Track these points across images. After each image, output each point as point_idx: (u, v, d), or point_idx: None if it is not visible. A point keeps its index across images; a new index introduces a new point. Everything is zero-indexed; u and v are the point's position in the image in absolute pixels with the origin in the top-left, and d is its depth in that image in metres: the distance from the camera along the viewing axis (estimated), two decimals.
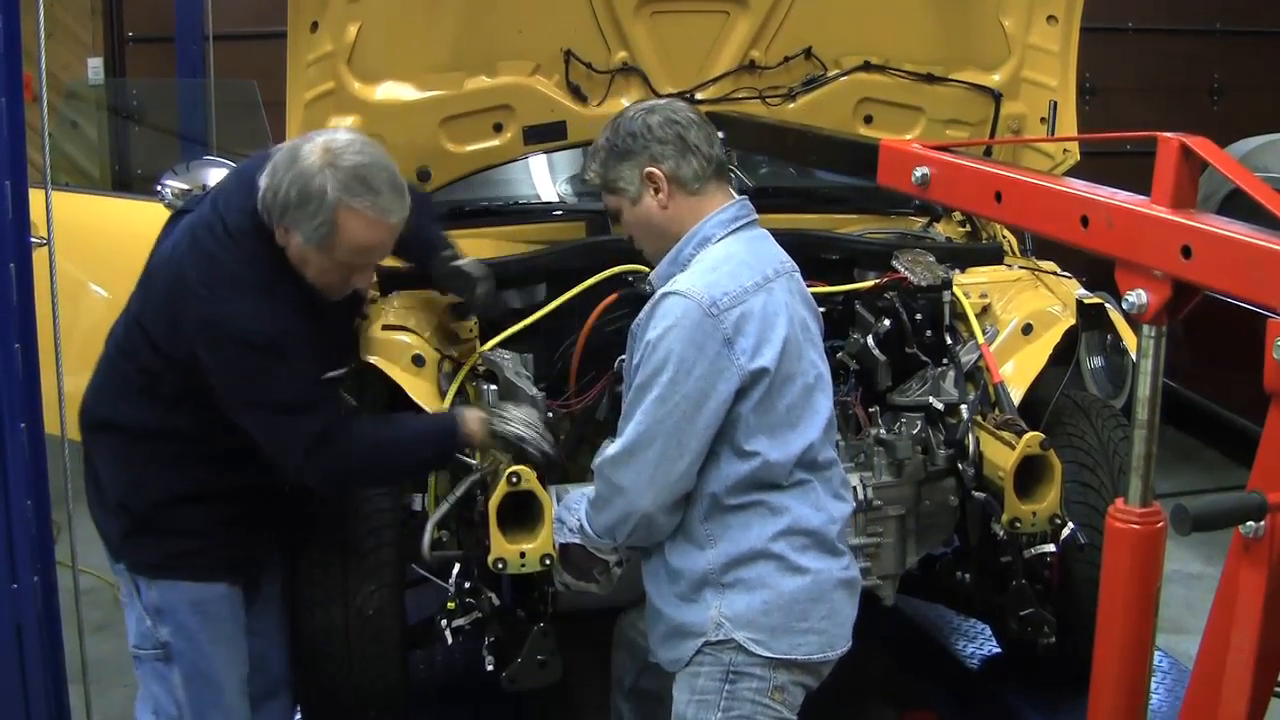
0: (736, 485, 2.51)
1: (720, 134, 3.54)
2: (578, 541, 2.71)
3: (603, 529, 2.61)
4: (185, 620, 2.83)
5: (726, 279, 2.49)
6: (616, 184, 2.61)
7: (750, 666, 2.51)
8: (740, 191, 2.71)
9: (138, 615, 2.83)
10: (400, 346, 3.30)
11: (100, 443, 2.82)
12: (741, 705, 2.52)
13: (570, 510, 2.76)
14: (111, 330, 2.83)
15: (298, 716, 3.43)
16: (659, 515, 2.52)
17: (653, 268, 2.71)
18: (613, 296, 3.28)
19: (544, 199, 4.41)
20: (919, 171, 2.66)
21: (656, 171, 2.57)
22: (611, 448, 2.54)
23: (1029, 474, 3.18)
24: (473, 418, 2.92)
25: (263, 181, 2.62)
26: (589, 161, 2.67)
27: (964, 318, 3.52)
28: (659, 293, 2.53)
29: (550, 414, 3.16)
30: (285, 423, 2.69)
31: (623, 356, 2.70)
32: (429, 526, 3.07)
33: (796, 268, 2.68)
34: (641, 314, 2.57)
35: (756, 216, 2.66)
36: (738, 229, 2.60)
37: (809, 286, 2.76)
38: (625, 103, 3.98)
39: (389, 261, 3.10)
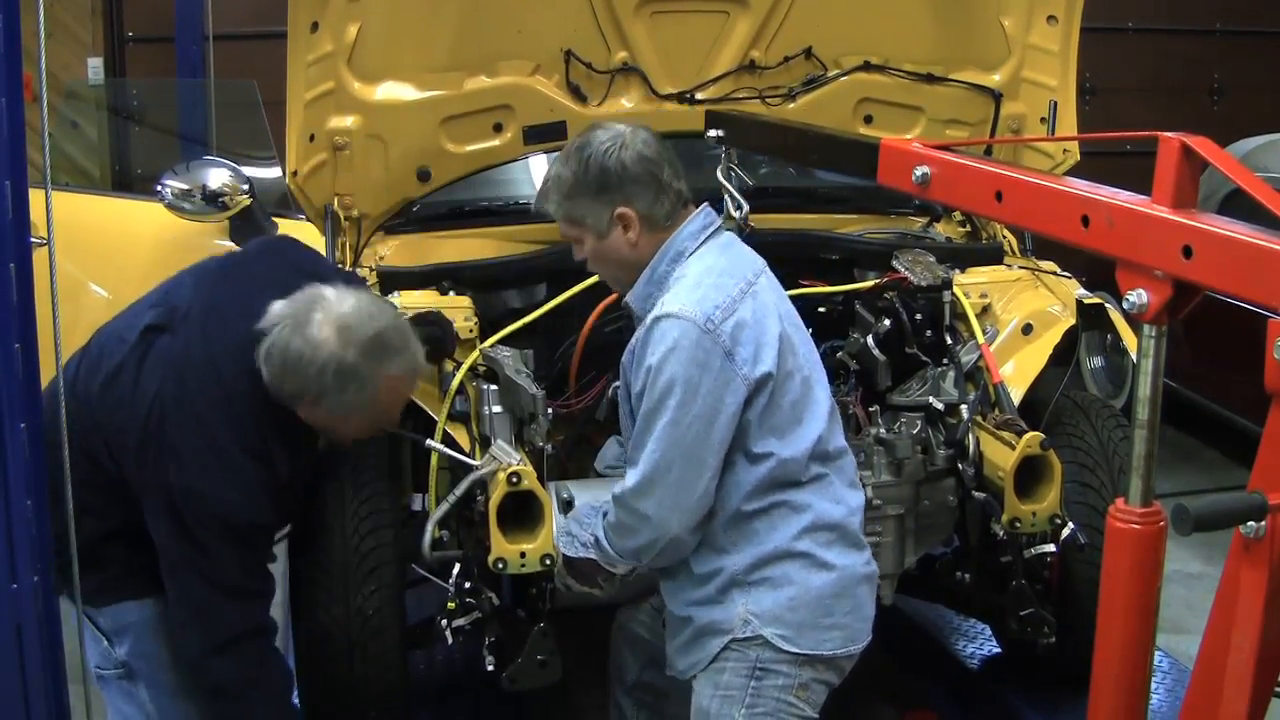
0: (756, 490, 2.51)
1: (720, 133, 3.55)
2: (591, 557, 2.70)
3: (628, 553, 2.59)
4: (140, 640, 2.80)
5: (714, 291, 2.49)
6: (583, 220, 2.56)
7: (777, 664, 2.51)
8: (740, 191, 2.71)
9: (93, 636, 2.80)
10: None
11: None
12: (766, 702, 2.52)
13: (582, 525, 2.74)
14: (57, 398, 2.62)
15: None
16: (685, 535, 2.51)
17: (613, 290, 2.69)
18: (613, 296, 3.28)
19: None
20: (919, 171, 2.65)
21: (629, 212, 2.54)
22: (630, 479, 2.51)
23: (1029, 474, 3.18)
24: None
25: (268, 366, 2.57)
26: (549, 190, 2.60)
27: (964, 318, 3.53)
28: (651, 317, 2.51)
29: (550, 412, 3.16)
30: (228, 606, 2.65)
31: (618, 383, 2.69)
32: (429, 526, 3.07)
33: (765, 263, 2.68)
34: (634, 340, 2.56)
35: (720, 221, 2.66)
36: (708, 238, 2.59)
37: (809, 287, 2.77)
38: (625, 103, 3.99)
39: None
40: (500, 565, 2.93)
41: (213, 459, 2.60)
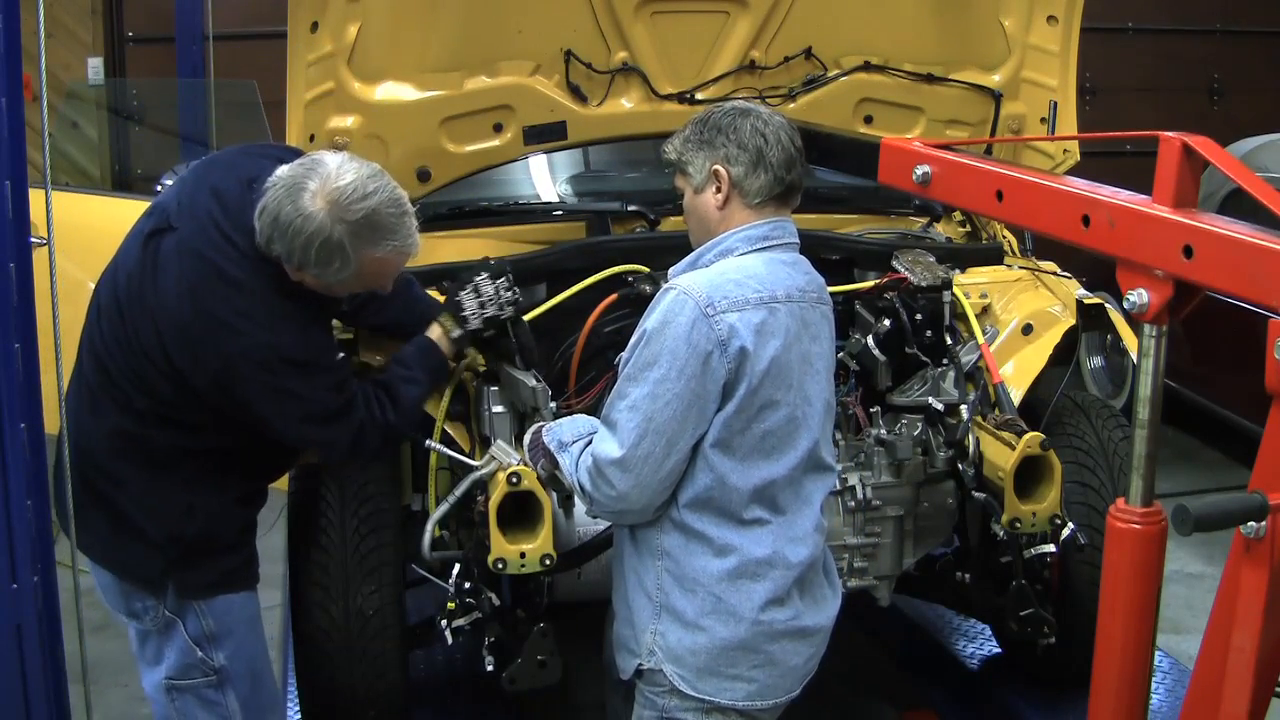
0: (695, 501, 2.49)
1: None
2: (553, 451, 2.68)
3: (584, 489, 2.55)
4: (243, 637, 2.78)
5: (731, 285, 2.47)
6: (686, 167, 2.62)
7: (684, 712, 2.54)
8: None
9: (181, 648, 2.75)
10: (399, 345, 3.30)
11: (129, 478, 2.70)
12: None
13: (570, 435, 2.68)
14: (93, 357, 2.70)
15: (296, 717, 3.44)
16: (645, 512, 2.51)
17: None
18: (613, 297, 3.28)
19: (544, 199, 4.41)
20: (920, 170, 2.66)
21: (723, 171, 2.56)
22: (609, 445, 2.47)
23: (1029, 474, 3.18)
24: (436, 335, 3.09)
25: (260, 224, 2.58)
26: (673, 137, 2.68)
27: (964, 318, 3.52)
28: (664, 288, 2.53)
29: (552, 405, 3.16)
30: (336, 428, 2.76)
31: (622, 354, 2.69)
32: (429, 526, 3.07)
33: (826, 301, 2.64)
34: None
35: (793, 240, 2.63)
36: (763, 248, 2.56)
37: None
38: (625, 103, 4.00)
39: None
40: (500, 565, 2.93)
41: (261, 311, 2.61)
